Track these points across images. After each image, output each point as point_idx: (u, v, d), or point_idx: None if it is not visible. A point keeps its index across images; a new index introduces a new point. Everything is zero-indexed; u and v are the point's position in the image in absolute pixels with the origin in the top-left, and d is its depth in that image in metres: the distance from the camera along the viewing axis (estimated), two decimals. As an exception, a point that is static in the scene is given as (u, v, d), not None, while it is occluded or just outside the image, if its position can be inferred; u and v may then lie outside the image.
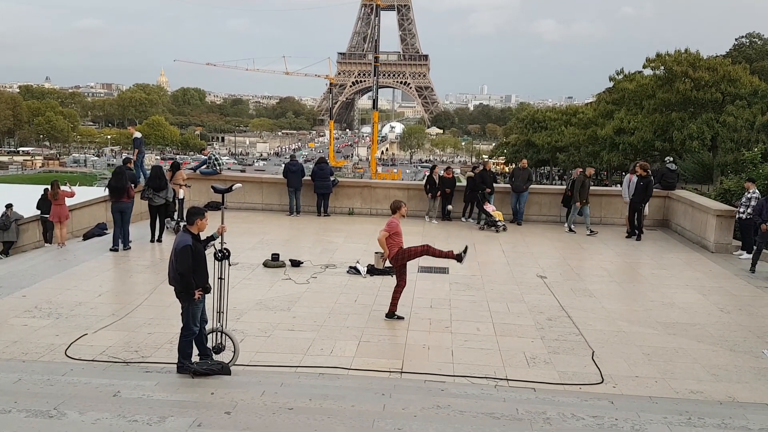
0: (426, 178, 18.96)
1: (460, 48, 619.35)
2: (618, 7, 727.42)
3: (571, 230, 17.20)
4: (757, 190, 15.01)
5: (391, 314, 9.57)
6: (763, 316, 10.30)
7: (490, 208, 17.61)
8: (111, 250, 13.81)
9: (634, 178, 16.76)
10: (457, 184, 19.56)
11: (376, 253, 10.01)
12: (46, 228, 17.33)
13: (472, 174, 19.00)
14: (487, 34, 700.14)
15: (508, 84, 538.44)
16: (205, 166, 19.85)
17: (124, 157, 18.04)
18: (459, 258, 9.42)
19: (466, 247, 9.59)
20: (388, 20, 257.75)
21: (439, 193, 18.41)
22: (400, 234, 9.53)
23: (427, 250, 9.54)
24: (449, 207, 18.60)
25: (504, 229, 17.18)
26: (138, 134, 18.24)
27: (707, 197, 19.30)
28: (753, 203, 14.35)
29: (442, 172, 18.71)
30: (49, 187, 16.09)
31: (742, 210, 14.85)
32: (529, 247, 15.44)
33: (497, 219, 17.27)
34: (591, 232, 16.86)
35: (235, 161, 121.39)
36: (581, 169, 18.16)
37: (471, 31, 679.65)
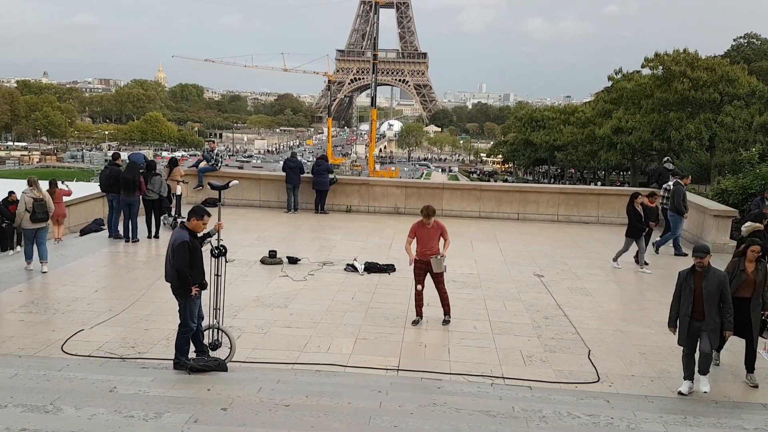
0: (627, 211, 13.27)
1: (451, 46, 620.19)
2: (603, 5, 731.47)
3: None
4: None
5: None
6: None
7: None
8: (124, 240, 14.17)
9: None
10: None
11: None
12: (4, 235, 15.28)
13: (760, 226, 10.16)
14: (476, 32, 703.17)
15: (504, 82, 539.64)
16: (203, 163, 19.64)
17: (130, 153, 17.35)
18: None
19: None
20: (387, 18, 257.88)
21: (647, 230, 13.27)
22: (420, 239, 9.24)
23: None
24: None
25: None
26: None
27: (704, 197, 19.31)
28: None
29: (645, 199, 13.47)
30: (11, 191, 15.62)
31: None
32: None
33: None
34: None
35: (235, 159, 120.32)
36: None
37: (461, 29, 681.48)
